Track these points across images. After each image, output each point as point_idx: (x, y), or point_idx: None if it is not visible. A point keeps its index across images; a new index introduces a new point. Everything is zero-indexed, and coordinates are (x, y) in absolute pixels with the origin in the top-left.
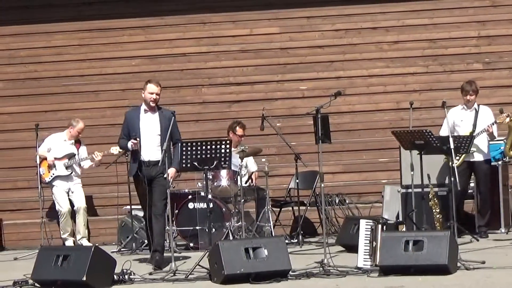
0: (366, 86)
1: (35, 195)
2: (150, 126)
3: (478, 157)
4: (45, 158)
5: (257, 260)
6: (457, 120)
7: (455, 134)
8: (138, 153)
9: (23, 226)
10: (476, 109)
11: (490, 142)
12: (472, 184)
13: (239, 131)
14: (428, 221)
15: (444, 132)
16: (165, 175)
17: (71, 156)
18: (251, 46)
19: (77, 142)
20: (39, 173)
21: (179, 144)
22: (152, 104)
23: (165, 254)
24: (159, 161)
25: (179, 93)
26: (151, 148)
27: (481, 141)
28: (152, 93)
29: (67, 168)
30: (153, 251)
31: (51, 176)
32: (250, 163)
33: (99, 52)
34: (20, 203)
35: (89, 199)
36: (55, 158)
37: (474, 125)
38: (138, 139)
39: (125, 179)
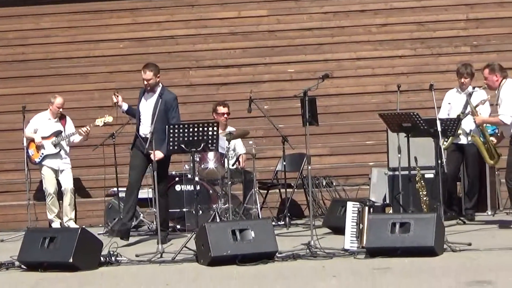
0: (354, 69)
1: (22, 177)
2: (147, 105)
3: (466, 140)
4: (33, 140)
5: (243, 242)
6: (452, 103)
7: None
8: (137, 126)
9: (10, 208)
10: (470, 92)
11: (488, 124)
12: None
13: (220, 109)
14: (415, 203)
15: (442, 115)
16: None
17: (57, 134)
18: (239, 28)
19: (63, 119)
20: (28, 154)
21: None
22: (147, 87)
23: (152, 236)
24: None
25: (167, 76)
26: (147, 125)
27: (470, 124)
28: (143, 80)
29: (55, 146)
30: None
31: (41, 156)
32: (238, 145)
33: (87, 35)
34: (7, 185)
35: (77, 181)
36: (43, 138)
37: (465, 107)
38: (117, 93)
39: (112, 161)
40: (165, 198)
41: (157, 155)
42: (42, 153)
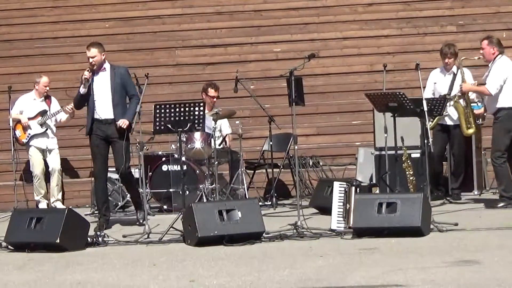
0: (340, 49)
1: (9, 158)
2: (100, 85)
3: (452, 121)
4: (19, 121)
5: (231, 222)
6: (437, 83)
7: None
8: (91, 111)
9: None
10: (454, 72)
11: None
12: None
13: (211, 92)
14: (402, 183)
15: (427, 94)
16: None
17: (43, 113)
18: (225, 8)
19: (48, 99)
20: (15, 135)
21: (136, 99)
22: (93, 67)
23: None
24: (111, 119)
25: (153, 55)
26: (104, 106)
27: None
28: (88, 58)
29: (41, 125)
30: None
31: (28, 137)
32: (224, 125)
33: (72, 14)
34: None
35: (64, 161)
36: (29, 118)
37: (450, 88)
38: (89, 71)
39: None
40: (131, 176)
41: (122, 122)
42: (29, 134)
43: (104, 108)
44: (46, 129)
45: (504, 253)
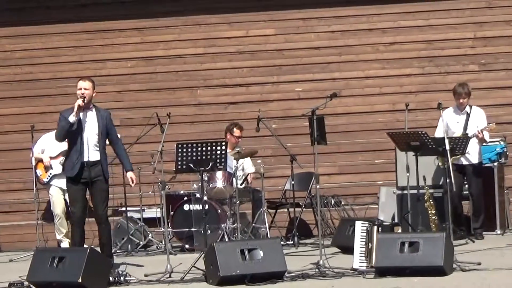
0: (361, 88)
1: (31, 197)
2: (88, 124)
3: (467, 161)
4: (41, 160)
5: (252, 262)
6: (450, 123)
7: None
8: (79, 152)
9: (19, 228)
10: (467, 112)
11: (487, 144)
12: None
13: (236, 132)
14: (424, 222)
15: (439, 133)
16: (105, 177)
17: (65, 153)
18: (247, 47)
19: None
20: (36, 174)
21: (121, 144)
22: (83, 98)
23: (161, 256)
24: (97, 161)
25: (175, 95)
26: (92, 147)
27: (471, 145)
28: (80, 88)
29: (63, 165)
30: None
31: (49, 176)
32: (247, 164)
33: (95, 54)
34: (15, 205)
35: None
36: (50, 158)
37: (465, 128)
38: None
39: (120, 180)
40: (109, 224)
41: (132, 176)
42: (50, 173)
43: (92, 149)
44: None
45: None
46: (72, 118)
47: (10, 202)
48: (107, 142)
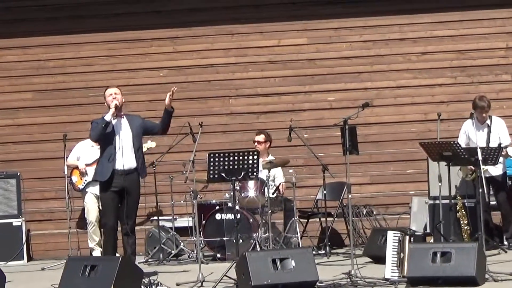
0: (393, 97)
1: (63, 206)
2: (124, 133)
3: (491, 173)
4: (76, 167)
5: (284, 271)
6: (471, 134)
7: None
8: (111, 158)
9: (51, 236)
10: (488, 124)
11: (510, 157)
12: None
13: (257, 137)
14: (456, 232)
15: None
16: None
17: None
18: (279, 57)
19: None
20: (71, 181)
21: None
22: (116, 106)
23: (192, 265)
24: (133, 169)
25: (207, 104)
26: (126, 154)
27: None
28: (111, 94)
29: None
30: None
31: (84, 183)
32: (278, 174)
33: (127, 63)
34: (48, 213)
35: None
36: (86, 165)
37: (488, 139)
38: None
39: (152, 190)
40: (134, 235)
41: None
42: (85, 180)
43: (127, 156)
44: None
45: None
46: (108, 116)
47: (42, 210)
48: (157, 130)
